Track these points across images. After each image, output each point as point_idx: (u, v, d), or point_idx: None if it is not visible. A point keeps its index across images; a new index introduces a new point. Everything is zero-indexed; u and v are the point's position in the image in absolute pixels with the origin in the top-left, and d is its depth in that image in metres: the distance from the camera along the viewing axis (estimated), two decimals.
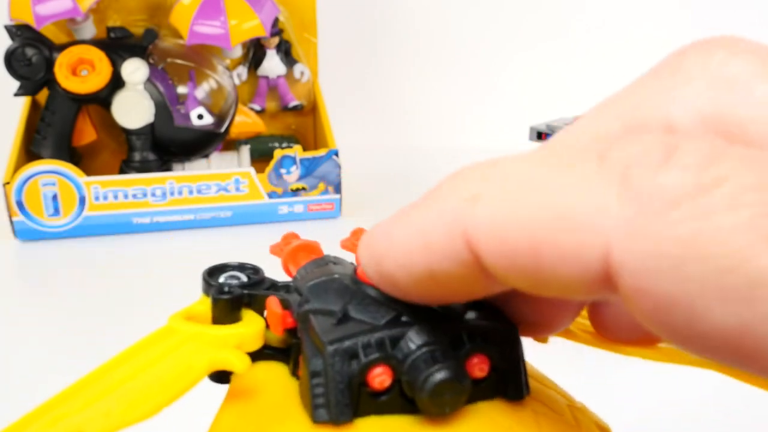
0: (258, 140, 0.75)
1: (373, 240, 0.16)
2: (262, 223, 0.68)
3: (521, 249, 0.13)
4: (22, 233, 0.64)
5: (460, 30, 0.92)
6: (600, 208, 0.12)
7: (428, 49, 0.92)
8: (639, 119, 0.14)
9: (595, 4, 0.91)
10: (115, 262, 0.62)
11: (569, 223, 0.12)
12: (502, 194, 0.13)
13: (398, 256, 0.15)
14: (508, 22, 0.91)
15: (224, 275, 0.19)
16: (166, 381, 0.16)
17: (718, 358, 0.11)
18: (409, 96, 0.94)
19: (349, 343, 0.15)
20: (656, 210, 0.11)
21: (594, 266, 0.12)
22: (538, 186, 0.13)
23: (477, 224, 0.13)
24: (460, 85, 0.93)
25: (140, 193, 0.65)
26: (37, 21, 0.62)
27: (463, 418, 0.16)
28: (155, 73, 0.65)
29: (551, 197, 0.13)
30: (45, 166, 0.62)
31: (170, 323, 0.18)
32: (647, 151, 0.12)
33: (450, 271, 0.14)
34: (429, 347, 0.15)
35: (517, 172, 0.14)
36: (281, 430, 0.16)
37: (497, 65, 0.93)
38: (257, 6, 0.67)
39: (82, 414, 0.15)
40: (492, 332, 0.16)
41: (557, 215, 0.12)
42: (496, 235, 0.13)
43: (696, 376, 0.26)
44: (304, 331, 0.17)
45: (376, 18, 0.91)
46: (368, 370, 0.15)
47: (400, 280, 0.15)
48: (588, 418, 0.18)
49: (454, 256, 0.14)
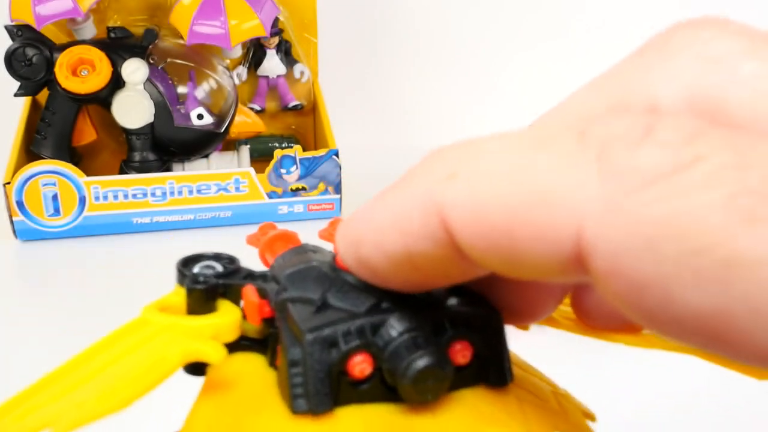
0: (258, 140, 0.75)
1: (349, 225, 0.16)
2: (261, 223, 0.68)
3: (495, 228, 0.12)
4: (23, 233, 0.64)
5: (460, 30, 0.92)
6: (575, 186, 0.12)
7: (428, 49, 0.92)
8: (623, 98, 0.14)
9: (595, 4, 0.91)
10: (115, 262, 0.62)
11: (543, 200, 0.12)
12: (477, 172, 0.13)
13: (375, 239, 0.15)
14: (508, 22, 0.91)
15: (199, 265, 0.18)
16: (139, 372, 0.15)
17: (693, 342, 0.11)
18: (409, 96, 0.94)
19: (328, 331, 0.15)
20: (632, 188, 0.11)
21: (567, 246, 0.12)
22: (513, 164, 0.13)
23: (451, 202, 0.13)
24: (460, 85, 0.93)
25: (140, 193, 0.65)
26: (38, 21, 0.62)
27: (445, 406, 0.16)
28: (155, 73, 0.65)
29: (526, 175, 0.12)
30: (45, 166, 0.62)
31: (144, 314, 0.17)
32: (627, 129, 0.12)
33: (427, 252, 0.14)
34: (410, 333, 0.15)
35: (493, 151, 0.13)
36: (259, 421, 0.15)
37: (497, 65, 0.93)
38: (257, 6, 0.67)
39: (53, 406, 0.15)
40: (474, 318, 0.16)
41: (531, 193, 0.12)
42: (470, 213, 0.13)
43: (682, 362, 0.26)
44: (282, 320, 0.16)
45: (376, 18, 0.91)
46: (348, 358, 0.15)
47: (377, 265, 0.15)
48: (573, 404, 0.18)
49: (430, 235, 0.13)
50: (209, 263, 0.18)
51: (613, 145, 0.11)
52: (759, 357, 0.10)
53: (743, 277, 0.10)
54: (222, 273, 0.18)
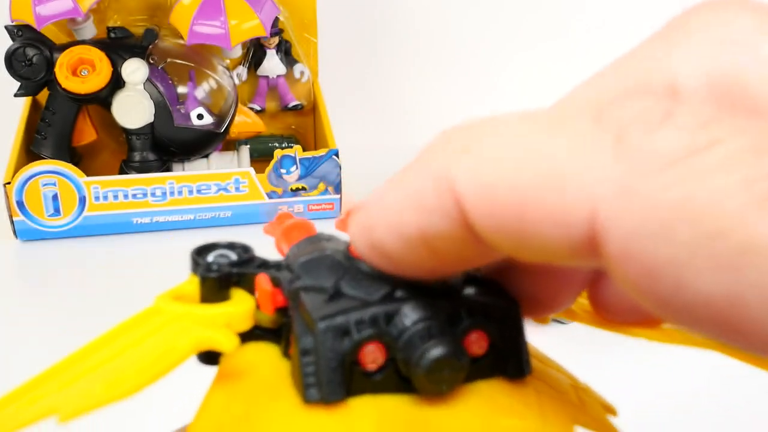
0: (258, 140, 0.75)
1: (362, 210, 0.15)
2: (262, 223, 0.68)
3: (506, 207, 0.12)
4: (23, 233, 0.64)
5: (460, 30, 0.92)
6: (589, 167, 0.11)
7: (428, 49, 0.92)
8: (642, 81, 0.14)
9: (595, 4, 0.91)
10: (115, 262, 0.62)
11: (556, 180, 0.12)
12: (490, 148, 0.13)
13: (389, 221, 0.14)
14: (508, 22, 0.91)
15: (213, 254, 0.18)
16: (148, 360, 0.15)
17: (706, 330, 0.11)
18: (409, 96, 0.94)
19: (340, 320, 0.15)
20: (647, 171, 0.11)
21: (579, 229, 0.11)
22: (527, 142, 0.12)
23: (463, 177, 0.13)
24: (460, 85, 0.93)
25: (140, 193, 0.65)
26: (38, 21, 0.62)
27: (461, 397, 0.15)
28: (155, 73, 0.65)
29: (540, 154, 0.12)
30: (45, 166, 0.62)
31: (157, 303, 0.17)
32: (645, 112, 0.12)
33: (442, 231, 0.13)
34: (425, 322, 0.15)
35: (508, 128, 0.13)
36: (271, 410, 0.15)
37: (497, 65, 0.93)
38: (257, 6, 0.67)
39: (60, 394, 0.15)
40: (492, 308, 0.16)
41: (544, 172, 0.12)
42: (481, 190, 0.12)
43: (681, 363, 0.26)
44: (295, 309, 0.16)
45: (376, 18, 0.91)
46: (361, 347, 0.15)
47: (391, 249, 0.14)
48: (593, 398, 0.17)
49: (445, 213, 0.13)
50: (223, 252, 0.18)
51: (630, 128, 0.11)
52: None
53: (757, 264, 0.10)
54: (236, 262, 0.18)
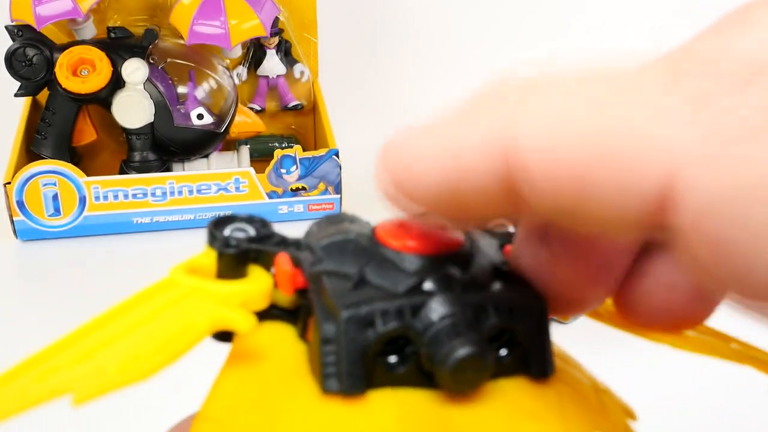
0: (258, 140, 0.75)
1: (395, 149, 0.14)
2: None
3: (573, 166, 0.11)
4: (23, 233, 0.64)
5: (460, 30, 0.92)
6: (668, 128, 0.10)
7: (428, 49, 0.92)
8: (714, 57, 0.12)
9: (595, 4, 0.91)
10: (115, 262, 0.62)
11: (631, 140, 0.10)
12: (554, 103, 0.12)
13: (421, 168, 0.13)
14: (508, 21, 0.91)
15: (230, 227, 0.18)
16: (165, 339, 0.14)
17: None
18: (409, 96, 0.94)
19: (366, 310, 0.14)
20: (734, 136, 0.10)
21: (651, 193, 0.10)
22: (596, 98, 0.11)
23: (524, 133, 0.12)
24: (461, 85, 0.93)
25: (140, 193, 0.65)
26: (38, 21, 0.62)
27: (483, 396, 0.15)
28: (155, 73, 0.65)
29: (612, 111, 0.11)
30: (45, 166, 0.62)
31: (172, 275, 0.17)
32: (726, 77, 0.10)
33: (479, 188, 0.12)
34: (452, 319, 0.14)
35: (571, 84, 0.12)
36: (288, 398, 0.15)
37: (497, 65, 0.93)
38: (257, 6, 0.67)
39: (73, 370, 0.14)
40: (519, 306, 0.15)
41: (618, 130, 0.11)
42: (546, 145, 0.11)
43: (681, 364, 0.25)
44: (316, 293, 0.15)
45: (376, 18, 0.91)
46: (385, 339, 0.14)
47: (417, 195, 0.14)
48: (614, 402, 0.17)
49: (488, 170, 0.12)
50: (241, 225, 0.18)
51: (711, 90, 0.10)
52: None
53: None
54: (254, 237, 0.17)
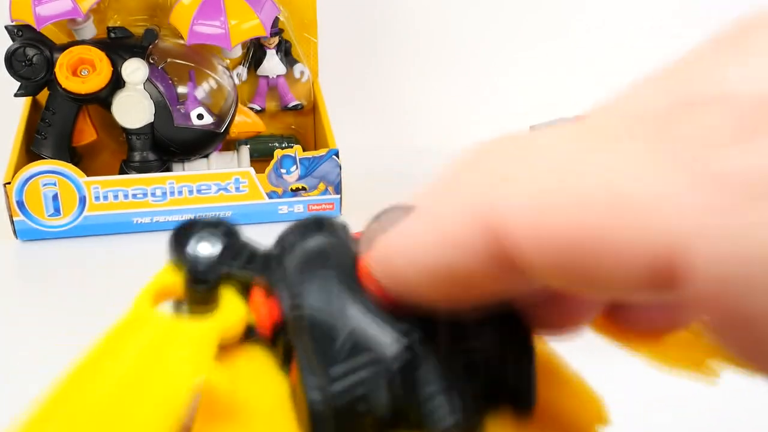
0: (258, 140, 0.75)
1: (384, 240, 0.14)
2: (262, 223, 0.68)
3: (565, 238, 0.11)
4: (23, 233, 0.64)
5: (460, 30, 0.92)
6: (664, 195, 0.10)
7: (428, 49, 0.92)
8: (694, 92, 0.11)
9: (595, 4, 0.91)
10: (115, 262, 0.62)
11: (626, 212, 0.10)
12: (539, 174, 0.11)
13: (412, 254, 0.13)
14: (507, 21, 0.92)
15: (195, 240, 0.17)
16: (149, 421, 0.13)
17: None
18: (409, 96, 0.94)
19: (359, 392, 0.14)
20: (740, 201, 0.09)
21: (656, 262, 0.10)
22: (581, 165, 0.11)
23: (510, 211, 0.11)
24: (460, 85, 0.93)
25: (140, 193, 0.65)
26: (38, 21, 0.62)
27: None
28: (155, 73, 0.65)
29: (600, 180, 0.10)
30: (45, 166, 0.62)
31: (139, 309, 0.15)
32: (712, 127, 0.10)
33: (473, 265, 0.12)
34: (446, 394, 0.14)
35: (550, 150, 0.12)
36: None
37: (497, 65, 0.93)
38: (257, 6, 0.67)
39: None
40: (509, 353, 0.15)
41: (613, 200, 0.10)
42: (535, 223, 0.11)
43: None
44: (299, 342, 0.15)
45: (376, 18, 0.91)
46: (375, 411, 0.14)
47: (412, 283, 0.13)
48: (584, 407, 0.17)
49: (479, 246, 0.12)
50: (207, 236, 0.17)
51: (700, 147, 0.10)
52: None
53: None
54: (222, 259, 0.16)
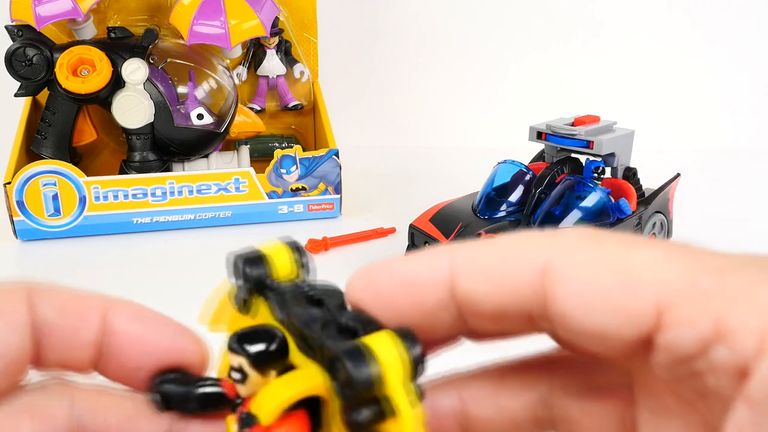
0: (258, 140, 0.75)
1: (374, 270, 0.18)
2: (262, 223, 0.68)
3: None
4: (23, 233, 0.64)
5: (460, 30, 0.92)
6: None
7: (428, 50, 0.92)
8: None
9: (593, 10, 0.91)
10: (115, 262, 0.62)
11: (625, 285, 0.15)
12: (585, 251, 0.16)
13: (483, 281, 0.17)
14: (507, 23, 0.92)
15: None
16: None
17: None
18: (409, 96, 0.94)
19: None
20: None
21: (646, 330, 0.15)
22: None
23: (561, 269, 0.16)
24: (460, 86, 0.93)
25: (140, 193, 0.65)
26: (38, 21, 0.62)
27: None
28: (155, 73, 0.65)
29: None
30: (45, 166, 0.62)
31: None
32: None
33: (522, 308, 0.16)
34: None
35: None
36: None
37: (497, 66, 0.93)
38: (257, 6, 0.67)
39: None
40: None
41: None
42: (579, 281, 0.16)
43: None
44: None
45: (376, 18, 0.91)
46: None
47: (479, 298, 0.17)
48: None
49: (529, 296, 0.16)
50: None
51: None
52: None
53: None
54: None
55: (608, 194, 0.55)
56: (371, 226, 0.65)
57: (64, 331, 0.18)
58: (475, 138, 0.93)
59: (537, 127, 0.59)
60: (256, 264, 0.19)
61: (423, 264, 0.17)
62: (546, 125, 0.59)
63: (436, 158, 0.89)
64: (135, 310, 0.19)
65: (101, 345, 0.18)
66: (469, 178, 0.66)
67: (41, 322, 0.18)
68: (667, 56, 0.92)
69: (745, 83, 0.93)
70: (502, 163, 0.60)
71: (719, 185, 0.80)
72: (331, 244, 0.62)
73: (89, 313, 0.18)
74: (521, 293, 0.16)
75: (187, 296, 0.30)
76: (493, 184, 0.59)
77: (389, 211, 0.70)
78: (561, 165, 0.57)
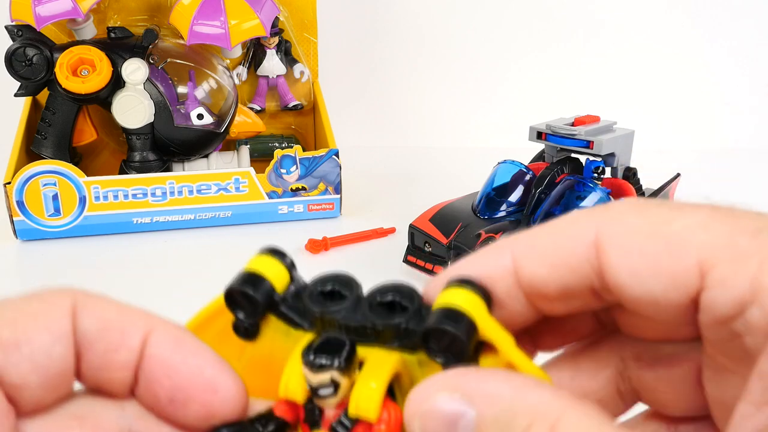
0: (258, 140, 0.75)
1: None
2: (262, 223, 0.68)
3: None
4: (23, 233, 0.64)
5: (460, 31, 0.92)
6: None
7: (428, 50, 0.92)
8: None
9: (593, 11, 0.91)
10: (115, 262, 0.62)
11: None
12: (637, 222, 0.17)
13: (540, 260, 0.18)
14: (507, 23, 0.91)
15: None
16: None
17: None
18: (409, 96, 0.94)
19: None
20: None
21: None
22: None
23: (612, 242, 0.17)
24: (460, 86, 0.93)
25: (140, 193, 0.65)
26: (38, 21, 0.62)
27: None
28: (155, 73, 0.65)
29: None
30: (45, 166, 0.62)
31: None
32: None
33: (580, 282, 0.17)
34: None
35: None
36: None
37: (497, 66, 0.93)
38: (257, 6, 0.67)
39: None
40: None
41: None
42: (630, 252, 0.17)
43: None
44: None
45: (376, 18, 0.91)
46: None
47: (540, 281, 0.18)
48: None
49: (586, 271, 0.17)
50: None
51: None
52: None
53: None
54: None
55: (608, 194, 0.55)
56: (371, 226, 0.65)
57: (105, 347, 0.17)
58: (475, 138, 0.93)
59: (537, 127, 0.59)
60: (259, 285, 0.18)
61: (486, 261, 0.18)
62: (546, 125, 0.59)
63: (436, 158, 0.89)
64: (177, 336, 0.18)
65: (138, 369, 0.17)
66: (469, 178, 0.66)
67: (82, 334, 0.17)
68: (667, 56, 0.92)
69: (745, 83, 0.93)
70: (502, 163, 0.60)
71: (719, 185, 0.80)
72: (331, 244, 0.62)
73: (132, 331, 0.17)
74: (580, 269, 0.17)
75: (187, 296, 0.30)
76: (493, 184, 0.59)
77: (389, 211, 0.70)
78: (561, 165, 0.57)
